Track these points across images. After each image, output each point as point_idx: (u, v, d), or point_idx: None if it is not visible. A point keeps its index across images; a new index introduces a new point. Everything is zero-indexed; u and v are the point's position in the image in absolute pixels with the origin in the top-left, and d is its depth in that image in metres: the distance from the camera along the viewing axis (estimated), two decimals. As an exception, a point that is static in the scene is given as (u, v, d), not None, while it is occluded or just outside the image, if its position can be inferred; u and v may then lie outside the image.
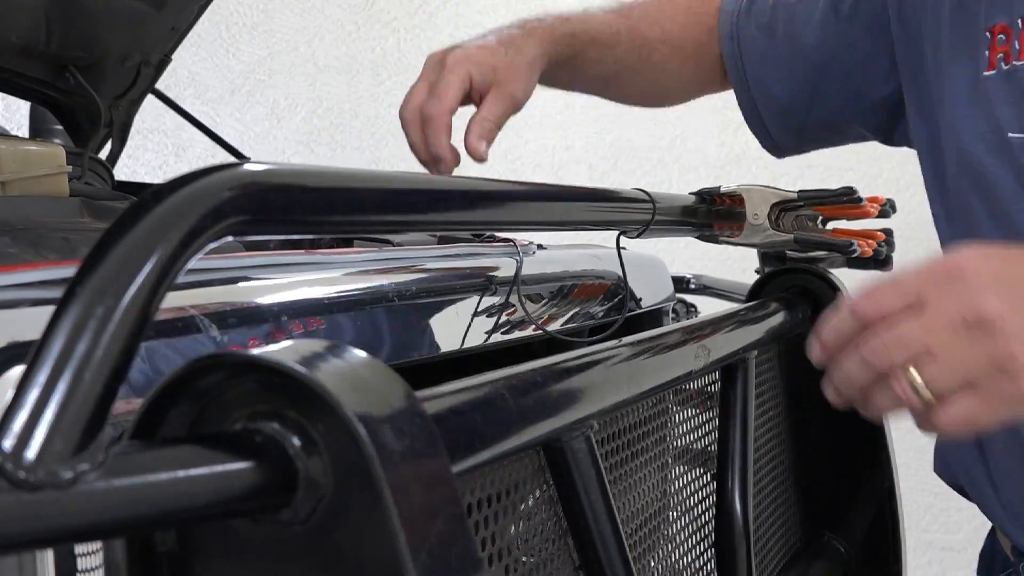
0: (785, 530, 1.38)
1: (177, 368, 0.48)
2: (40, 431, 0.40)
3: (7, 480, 0.39)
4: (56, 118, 1.60)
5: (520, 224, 0.94)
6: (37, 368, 0.41)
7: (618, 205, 1.05)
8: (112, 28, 1.48)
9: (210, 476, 0.45)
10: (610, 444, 0.87)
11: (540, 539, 0.76)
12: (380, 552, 0.46)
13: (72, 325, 0.42)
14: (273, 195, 0.53)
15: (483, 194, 0.75)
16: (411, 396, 0.50)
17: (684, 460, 1.08)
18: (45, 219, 1.08)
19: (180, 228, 0.46)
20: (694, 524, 1.09)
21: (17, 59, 1.42)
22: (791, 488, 1.42)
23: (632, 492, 0.92)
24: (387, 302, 0.99)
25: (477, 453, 0.61)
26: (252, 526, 0.49)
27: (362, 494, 0.46)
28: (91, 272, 0.44)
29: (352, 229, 0.75)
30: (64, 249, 0.99)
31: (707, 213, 1.26)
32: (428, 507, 0.47)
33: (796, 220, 1.28)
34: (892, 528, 1.50)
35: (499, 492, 0.69)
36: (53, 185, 1.17)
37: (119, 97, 1.59)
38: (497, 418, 0.66)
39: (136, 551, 0.49)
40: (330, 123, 3.27)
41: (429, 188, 0.69)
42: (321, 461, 0.47)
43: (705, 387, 1.13)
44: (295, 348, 0.48)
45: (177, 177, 0.49)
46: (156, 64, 1.60)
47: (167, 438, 0.48)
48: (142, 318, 0.44)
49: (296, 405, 0.47)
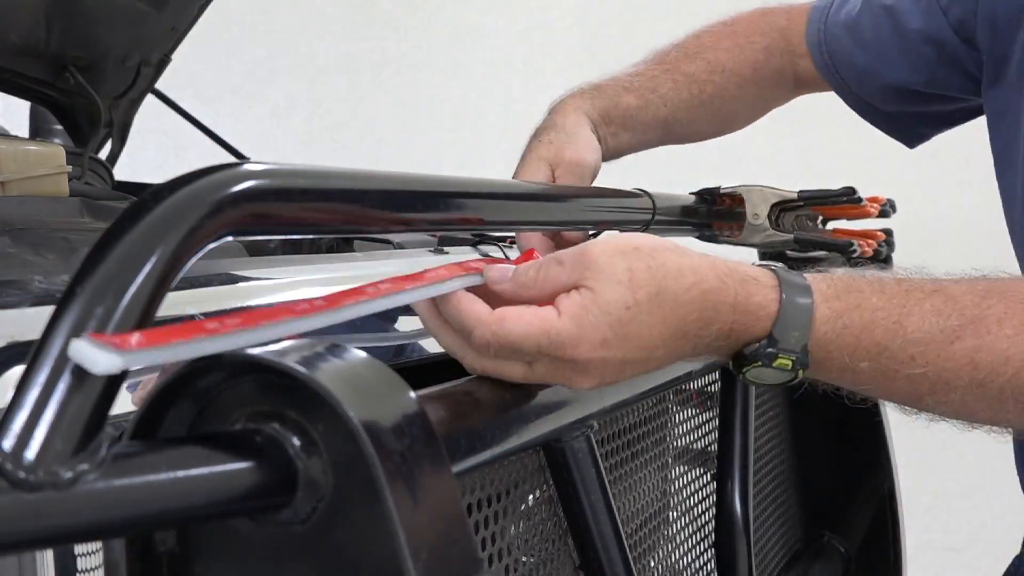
0: (785, 530, 1.38)
1: (177, 368, 0.48)
2: (40, 431, 0.40)
3: (7, 480, 0.39)
4: (56, 118, 1.60)
5: (521, 224, 0.94)
6: (37, 368, 0.41)
7: (618, 204, 1.05)
8: (112, 28, 1.48)
9: (210, 476, 0.44)
10: (610, 444, 0.87)
11: (540, 539, 0.76)
12: (380, 552, 0.46)
13: (72, 325, 0.42)
14: (273, 195, 0.52)
15: (484, 194, 0.75)
16: (411, 396, 0.50)
17: (684, 460, 1.08)
18: (45, 219, 1.08)
19: (180, 228, 0.46)
20: (694, 524, 1.09)
21: (17, 59, 1.42)
22: (791, 488, 1.42)
23: (632, 492, 0.92)
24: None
25: (477, 453, 0.61)
26: (252, 526, 0.49)
27: (362, 494, 0.46)
28: (91, 272, 0.44)
29: (352, 229, 0.75)
30: (64, 249, 0.99)
31: (707, 213, 1.26)
32: (428, 507, 0.47)
33: (796, 220, 1.28)
34: (892, 528, 1.50)
35: (499, 492, 0.69)
36: (53, 185, 1.17)
37: (119, 97, 1.58)
38: (497, 418, 0.66)
39: (136, 551, 0.49)
40: (330, 123, 3.27)
41: (429, 188, 0.69)
42: (321, 461, 0.47)
43: (705, 387, 1.13)
44: (295, 348, 0.48)
45: (177, 177, 0.49)
46: (156, 64, 1.60)
47: (167, 438, 0.48)
48: (142, 318, 0.44)
49: (296, 405, 0.47)
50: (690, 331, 0.69)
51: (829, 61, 1.25)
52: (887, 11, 1.20)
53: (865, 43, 1.22)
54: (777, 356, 0.70)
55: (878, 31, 1.21)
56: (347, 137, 3.25)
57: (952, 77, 1.17)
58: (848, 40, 1.24)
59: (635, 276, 0.66)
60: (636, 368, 0.69)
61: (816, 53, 1.26)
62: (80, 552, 0.52)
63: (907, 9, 1.19)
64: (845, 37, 1.24)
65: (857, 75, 1.24)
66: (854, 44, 1.23)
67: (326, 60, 3.27)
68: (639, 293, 0.66)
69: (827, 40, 1.25)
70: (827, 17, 1.26)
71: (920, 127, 1.29)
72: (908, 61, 1.19)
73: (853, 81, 1.25)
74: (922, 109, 1.25)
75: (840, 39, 1.24)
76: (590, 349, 0.65)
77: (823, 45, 1.25)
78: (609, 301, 0.66)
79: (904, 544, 1.52)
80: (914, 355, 0.72)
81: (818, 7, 1.28)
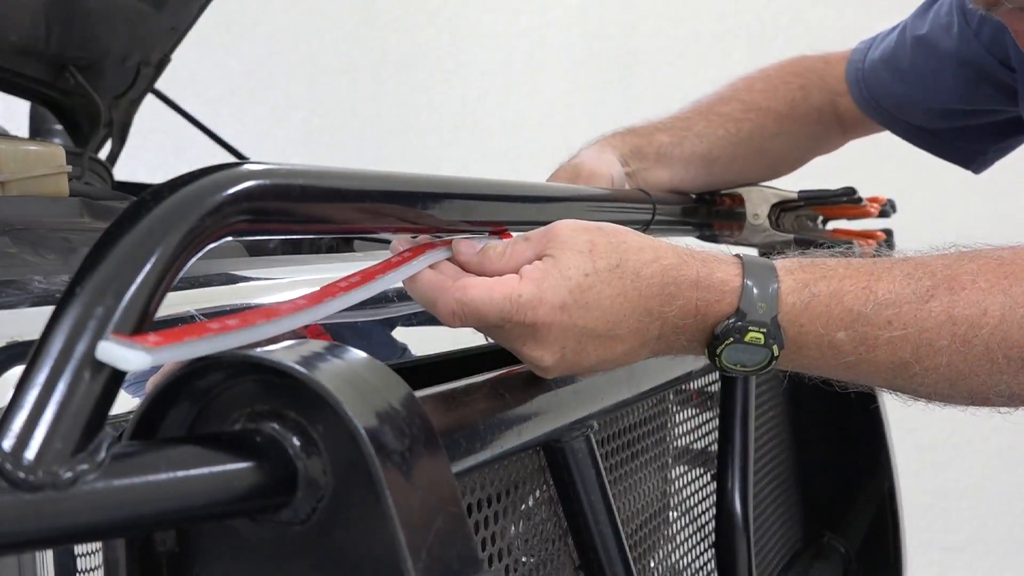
0: (785, 530, 1.38)
1: (177, 368, 0.48)
2: (40, 431, 0.40)
3: (7, 480, 0.39)
4: (56, 118, 1.60)
5: (520, 224, 0.94)
6: (37, 368, 0.41)
7: (619, 205, 1.05)
8: (112, 28, 1.48)
9: (210, 476, 0.44)
10: (610, 444, 0.87)
11: (540, 539, 0.76)
12: (380, 552, 0.46)
13: (72, 325, 0.42)
14: (273, 195, 0.52)
15: (483, 194, 0.75)
16: (411, 396, 0.50)
17: (684, 460, 1.08)
18: (45, 219, 1.08)
19: (180, 228, 0.46)
20: (694, 524, 1.09)
21: (17, 59, 1.42)
22: (791, 488, 1.42)
23: (632, 492, 0.92)
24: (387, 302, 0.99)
25: (477, 453, 0.61)
26: (252, 526, 0.49)
27: (362, 494, 0.46)
28: (91, 272, 0.44)
29: (352, 229, 0.75)
30: (64, 249, 0.99)
31: (707, 213, 1.27)
32: (428, 507, 0.47)
33: (796, 220, 1.28)
34: (892, 528, 1.50)
35: (499, 492, 0.69)
36: (53, 185, 1.17)
37: (119, 97, 1.58)
38: (497, 418, 0.66)
39: (136, 551, 0.49)
40: (330, 123, 3.27)
41: (429, 188, 0.69)
42: (321, 461, 0.47)
43: (705, 387, 1.13)
44: (295, 349, 0.48)
45: (177, 177, 0.49)
46: (156, 64, 1.60)
47: (166, 438, 0.48)
48: (142, 318, 0.44)
49: (296, 405, 0.47)
50: (653, 307, 0.70)
51: (868, 95, 1.26)
52: (920, 41, 1.22)
53: (903, 73, 1.24)
54: (747, 330, 0.70)
55: (914, 60, 1.23)
56: (347, 137, 3.25)
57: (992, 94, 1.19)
58: (886, 73, 1.25)
59: (596, 248, 0.69)
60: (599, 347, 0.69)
61: (855, 89, 1.27)
62: (80, 552, 0.52)
63: (939, 36, 1.20)
64: (883, 70, 1.26)
65: (898, 104, 1.26)
66: (892, 76, 1.25)
67: (326, 60, 3.27)
68: (599, 262, 0.69)
69: (865, 77, 1.27)
70: (865, 56, 1.28)
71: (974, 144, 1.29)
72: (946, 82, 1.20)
73: (896, 110, 1.26)
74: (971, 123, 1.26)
75: (878, 72, 1.26)
76: (549, 312, 0.67)
77: (861, 82, 1.27)
78: (569, 266, 0.68)
79: (904, 544, 1.52)
80: (890, 319, 0.71)
81: (859, 49, 1.30)
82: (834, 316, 0.71)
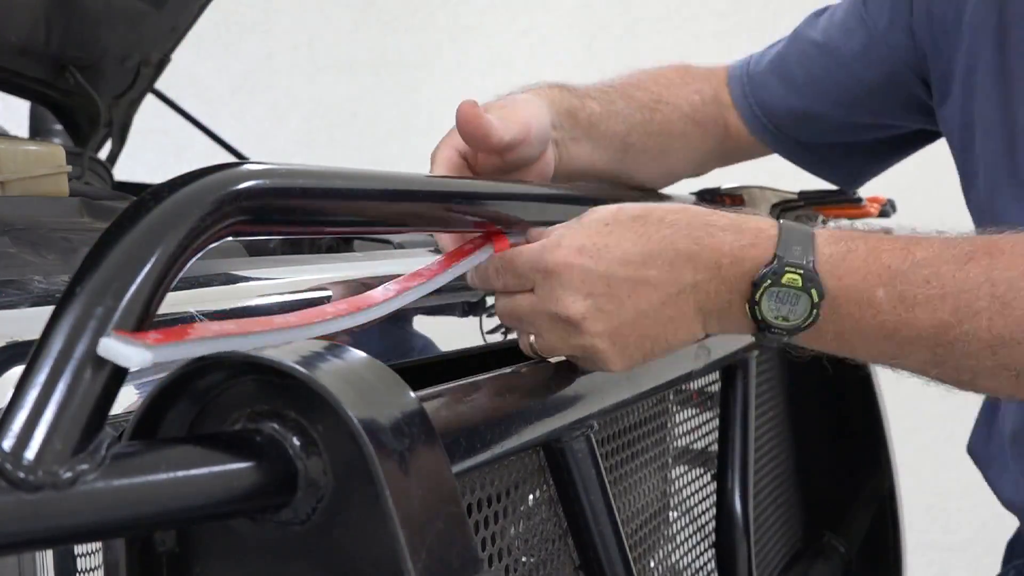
0: (785, 530, 1.38)
1: (177, 368, 0.47)
2: (40, 431, 0.40)
3: (7, 480, 0.38)
4: (56, 118, 1.60)
5: (520, 224, 0.94)
6: (37, 368, 0.41)
7: (618, 205, 1.05)
8: (112, 28, 1.48)
9: (210, 476, 0.44)
10: (610, 444, 0.87)
11: (540, 539, 0.76)
12: (380, 552, 0.46)
13: (72, 325, 0.42)
14: (273, 195, 0.52)
15: (483, 194, 0.75)
16: (411, 396, 0.50)
17: (684, 460, 1.08)
18: (45, 219, 1.08)
19: (180, 228, 0.46)
20: (694, 524, 1.09)
21: (17, 59, 1.42)
22: (791, 488, 1.42)
23: (632, 492, 0.92)
24: (387, 302, 0.99)
25: (477, 453, 0.61)
26: (252, 526, 0.49)
27: (362, 494, 0.46)
28: (91, 272, 0.44)
29: (352, 229, 0.75)
30: (64, 249, 0.99)
31: (707, 213, 1.26)
32: (428, 507, 0.47)
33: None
34: (892, 528, 1.50)
35: (499, 492, 0.69)
36: (53, 185, 1.17)
37: (119, 97, 1.58)
38: (497, 418, 0.66)
39: (136, 551, 0.49)
40: (330, 123, 3.27)
41: (429, 188, 0.69)
42: (321, 461, 0.47)
43: (705, 387, 1.13)
44: (295, 348, 0.48)
45: (177, 177, 0.49)
46: (156, 64, 1.60)
47: (167, 438, 0.48)
48: (142, 318, 0.44)
49: (296, 405, 0.47)
50: (681, 247, 0.70)
51: (758, 111, 1.19)
52: (818, 48, 1.16)
53: (799, 87, 1.17)
54: (784, 271, 0.70)
55: (810, 69, 1.16)
56: (347, 137, 3.25)
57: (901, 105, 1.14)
58: (779, 86, 1.18)
59: (623, 208, 0.73)
60: (632, 294, 0.71)
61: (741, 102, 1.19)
62: (80, 552, 0.52)
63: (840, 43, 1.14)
64: (774, 84, 1.18)
65: (795, 120, 1.18)
66: (787, 90, 1.17)
67: (326, 60, 3.27)
68: (621, 215, 0.72)
69: (753, 91, 1.19)
70: (748, 68, 1.20)
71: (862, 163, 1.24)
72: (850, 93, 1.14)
73: (790, 127, 1.19)
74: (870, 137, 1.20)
75: (768, 86, 1.18)
76: (567, 253, 0.70)
77: (749, 97, 1.19)
78: (592, 219, 0.72)
79: (904, 544, 1.52)
80: (928, 277, 0.70)
81: (737, 64, 1.22)
82: (872, 272, 0.71)
